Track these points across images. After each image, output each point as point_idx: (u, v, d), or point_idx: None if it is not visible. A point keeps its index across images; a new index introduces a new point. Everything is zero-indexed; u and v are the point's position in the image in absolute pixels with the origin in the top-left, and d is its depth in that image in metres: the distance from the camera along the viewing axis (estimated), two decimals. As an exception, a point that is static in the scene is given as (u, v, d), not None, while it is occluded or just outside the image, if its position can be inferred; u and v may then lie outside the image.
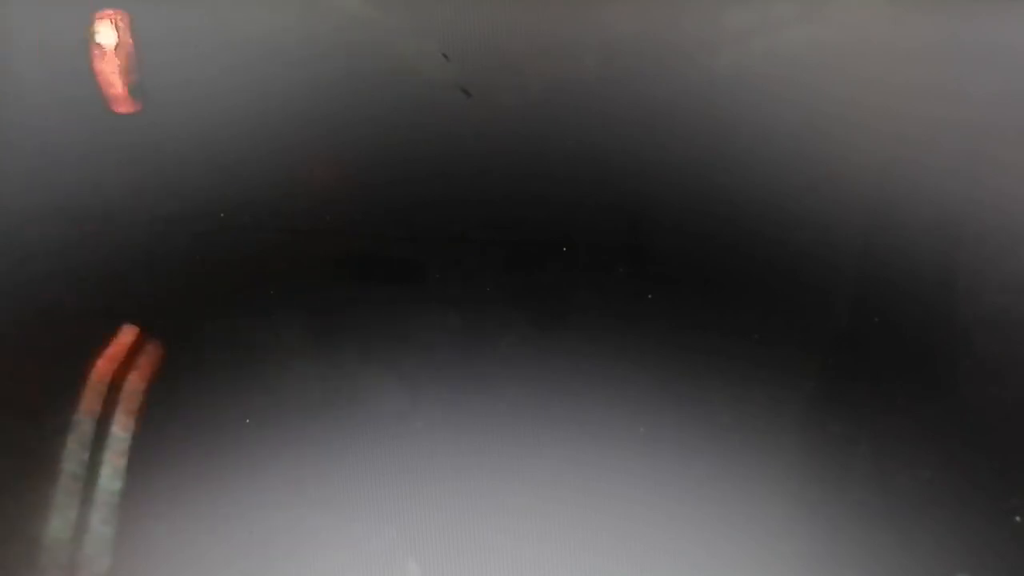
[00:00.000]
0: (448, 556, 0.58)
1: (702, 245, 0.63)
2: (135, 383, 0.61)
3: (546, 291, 0.62)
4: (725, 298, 0.62)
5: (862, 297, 0.62)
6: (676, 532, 0.57)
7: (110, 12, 0.65)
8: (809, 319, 0.61)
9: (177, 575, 0.57)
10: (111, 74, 0.65)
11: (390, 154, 0.65)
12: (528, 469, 0.59)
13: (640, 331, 0.61)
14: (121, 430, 0.60)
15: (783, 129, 0.64)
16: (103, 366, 0.61)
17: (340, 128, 0.65)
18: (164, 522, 0.58)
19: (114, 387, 0.61)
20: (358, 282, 0.63)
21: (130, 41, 0.65)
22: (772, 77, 0.65)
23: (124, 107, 0.65)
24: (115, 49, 0.65)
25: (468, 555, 0.58)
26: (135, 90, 0.65)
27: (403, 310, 0.62)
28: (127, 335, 0.62)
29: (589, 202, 0.64)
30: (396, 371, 0.61)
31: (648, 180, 0.64)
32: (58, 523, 0.58)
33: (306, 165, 0.65)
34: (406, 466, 0.59)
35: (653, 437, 0.59)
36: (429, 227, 0.64)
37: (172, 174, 0.65)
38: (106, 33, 0.65)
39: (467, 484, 0.59)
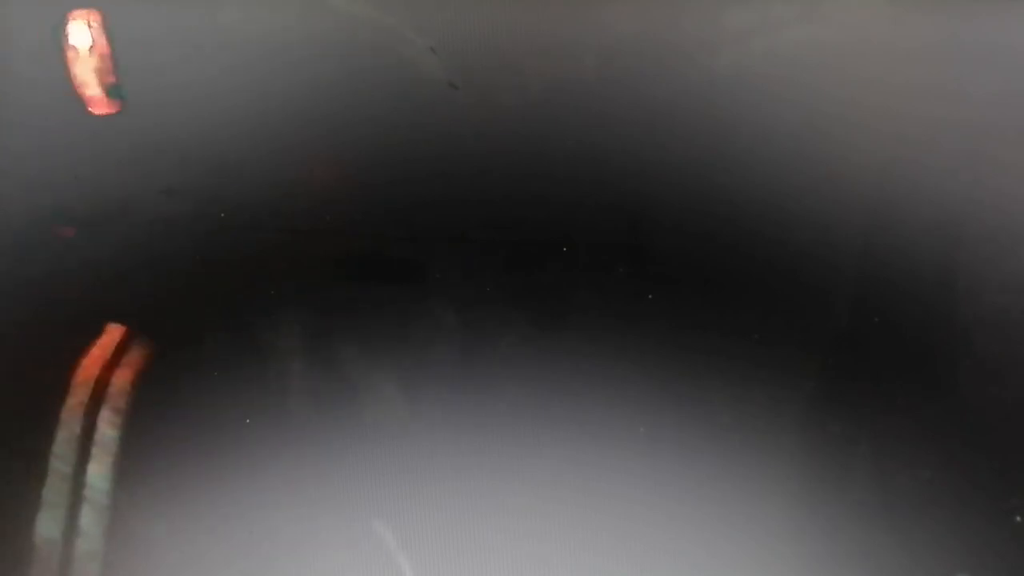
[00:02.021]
0: (448, 556, 0.58)
1: (702, 245, 0.63)
2: (127, 382, 0.61)
3: (546, 291, 0.62)
4: (725, 298, 0.62)
5: (862, 297, 0.62)
6: (676, 532, 0.57)
7: (82, 12, 0.65)
8: (809, 319, 0.61)
9: (177, 575, 0.57)
10: (86, 75, 0.65)
11: (390, 154, 0.65)
12: (528, 469, 0.59)
13: (640, 331, 0.61)
14: (119, 430, 0.60)
15: (783, 129, 0.64)
16: (100, 367, 0.61)
17: (340, 128, 0.65)
18: (163, 522, 0.58)
19: (109, 387, 0.61)
20: (358, 282, 0.63)
21: (105, 41, 0.65)
22: (772, 77, 0.65)
23: (102, 108, 0.65)
24: (89, 50, 0.65)
25: (468, 555, 0.58)
26: (113, 91, 0.65)
27: (403, 310, 0.62)
28: (118, 334, 0.62)
29: (589, 202, 0.64)
30: (396, 371, 0.61)
31: (648, 180, 0.64)
32: (52, 522, 0.58)
33: (306, 165, 0.65)
34: (406, 466, 0.59)
35: (653, 437, 0.59)
36: (429, 227, 0.64)
37: (172, 174, 0.65)
38: (79, 34, 0.65)
39: (467, 484, 0.59)
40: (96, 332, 0.62)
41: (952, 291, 0.61)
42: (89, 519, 0.58)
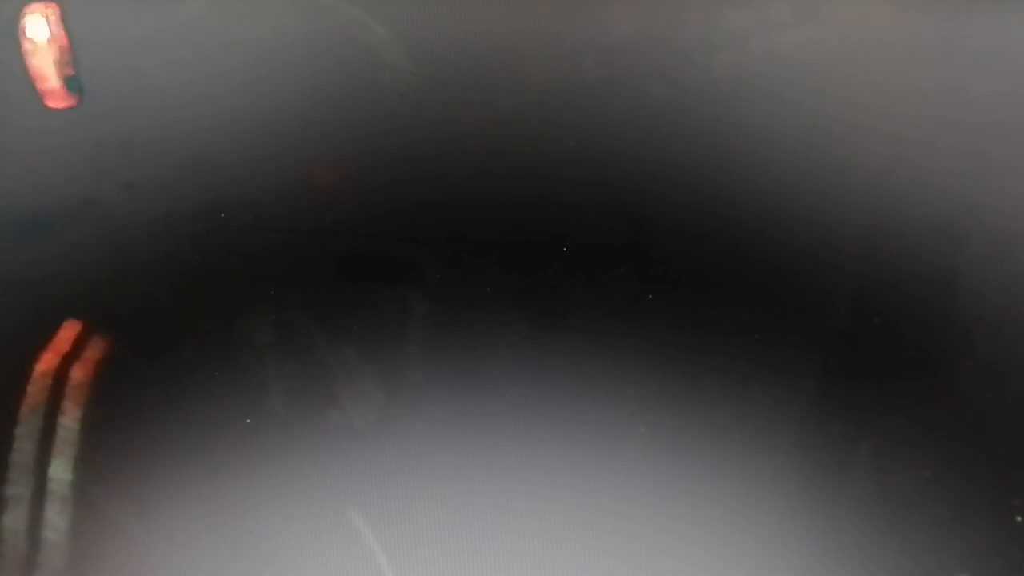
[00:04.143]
0: (448, 556, 0.58)
1: (702, 245, 0.63)
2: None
3: (546, 291, 0.62)
4: (725, 298, 0.62)
5: (863, 297, 0.62)
6: (676, 532, 0.57)
7: (40, 5, 0.65)
8: (809, 319, 0.61)
9: (177, 575, 0.57)
10: (44, 68, 0.64)
11: (390, 155, 0.65)
12: (528, 469, 0.59)
13: (640, 331, 0.61)
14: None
15: (783, 129, 0.64)
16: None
17: (340, 128, 0.65)
18: (164, 521, 0.58)
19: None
20: (358, 282, 0.63)
21: (63, 34, 0.64)
22: (772, 77, 0.65)
23: (59, 102, 0.64)
24: (48, 43, 0.65)
25: (468, 555, 0.58)
26: (71, 83, 0.64)
27: (403, 310, 0.62)
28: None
29: (589, 202, 0.64)
30: (396, 371, 0.61)
31: (648, 180, 0.64)
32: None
33: (306, 165, 0.65)
34: (406, 466, 0.59)
35: (653, 437, 0.59)
36: (429, 227, 0.64)
37: (172, 174, 0.65)
38: (36, 27, 0.65)
39: (467, 484, 0.59)
40: (96, 332, 0.62)
41: (952, 291, 0.61)
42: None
